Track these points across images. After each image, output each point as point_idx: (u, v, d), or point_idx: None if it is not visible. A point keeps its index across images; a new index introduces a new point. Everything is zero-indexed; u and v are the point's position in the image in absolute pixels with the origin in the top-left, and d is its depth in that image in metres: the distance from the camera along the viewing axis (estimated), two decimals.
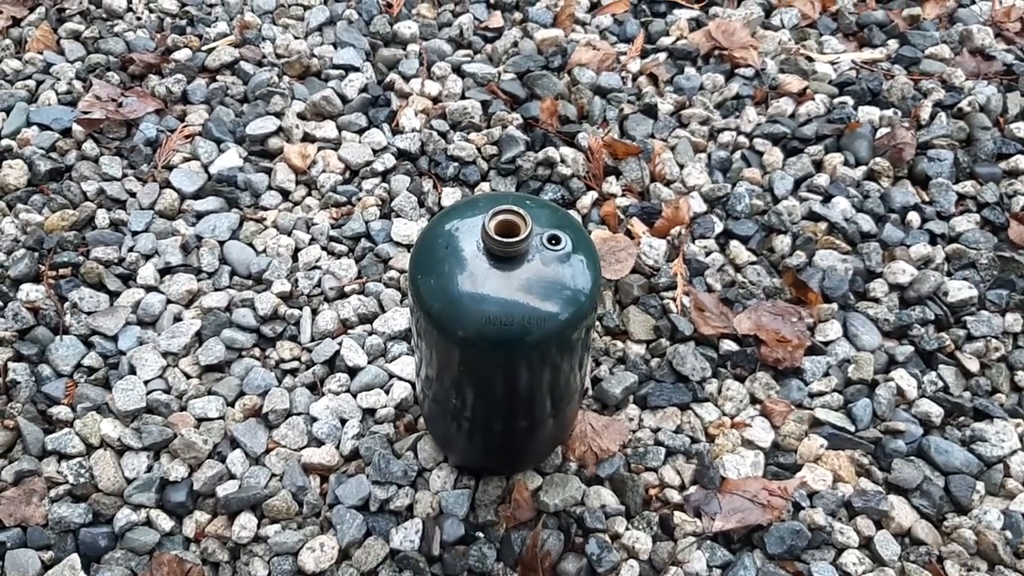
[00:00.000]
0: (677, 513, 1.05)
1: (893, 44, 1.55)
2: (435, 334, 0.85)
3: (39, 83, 1.45)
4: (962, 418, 1.14)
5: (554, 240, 0.83)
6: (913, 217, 1.31)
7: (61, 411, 1.11)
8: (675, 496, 1.07)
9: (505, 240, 0.79)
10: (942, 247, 1.29)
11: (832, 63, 1.52)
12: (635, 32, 1.56)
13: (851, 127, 1.40)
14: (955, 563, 1.03)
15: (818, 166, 1.38)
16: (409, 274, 0.86)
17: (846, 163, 1.37)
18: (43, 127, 1.39)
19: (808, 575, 1.01)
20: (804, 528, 1.03)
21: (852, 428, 1.13)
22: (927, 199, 1.34)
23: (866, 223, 1.30)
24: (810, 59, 1.52)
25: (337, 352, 1.17)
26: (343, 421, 1.12)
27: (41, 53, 1.49)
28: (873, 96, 1.47)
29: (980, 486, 1.08)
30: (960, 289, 1.23)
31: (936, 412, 1.13)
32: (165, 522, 1.05)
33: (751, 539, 1.05)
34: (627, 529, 1.04)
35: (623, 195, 1.34)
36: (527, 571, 1.01)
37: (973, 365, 1.18)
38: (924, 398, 1.15)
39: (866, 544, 1.04)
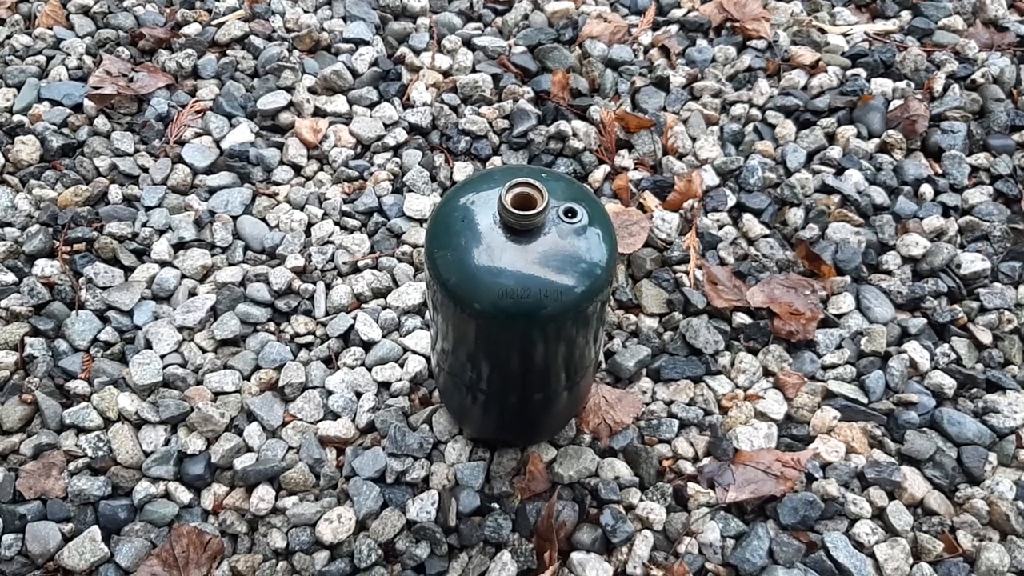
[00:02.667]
0: (691, 484, 1.06)
1: (906, 16, 1.54)
2: (451, 307, 0.85)
3: (49, 59, 1.45)
4: (975, 390, 1.14)
5: (570, 213, 0.83)
6: (926, 189, 1.30)
7: (78, 385, 1.12)
8: (688, 468, 1.08)
9: (522, 213, 0.79)
10: (955, 219, 1.28)
11: (845, 35, 1.51)
12: (646, 4, 1.55)
13: (864, 99, 1.39)
14: (967, 533, 1.03)
15: (831, 139, 1.37)
16: (425, 247, 0.86)
17: (859, 136, 1.37)
18: (54, 103, 1.39)
19: (821, 545, 1.02)
20: (817, 499, 1.04)
21: (865, 400, 1.13)
22: (940, 171, 1.34)
23: (879, 196, 1.29)
24: (822, 31, 1.51)
25: (352, 326, 1.17)
26: (359, 394, 1.12)
27: (51, 28, 1.48)
28: (886, 68, 1.46)
29: (992, 457, 1.09)
30: (973, 261, 1.23)
31: (949, 384, 1.13)
32: (184, 494, 1.06)
33: (764, 510, 1.05)
34: (641, 500, 1.05)
35: (635, 169, 1.34)
36: (542, 541, 1.02)
37: (986, 337, 1.18)
38: (937, 370, 1.15)
39: (879, 515, 1.05)
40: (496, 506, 1.05)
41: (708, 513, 1.04)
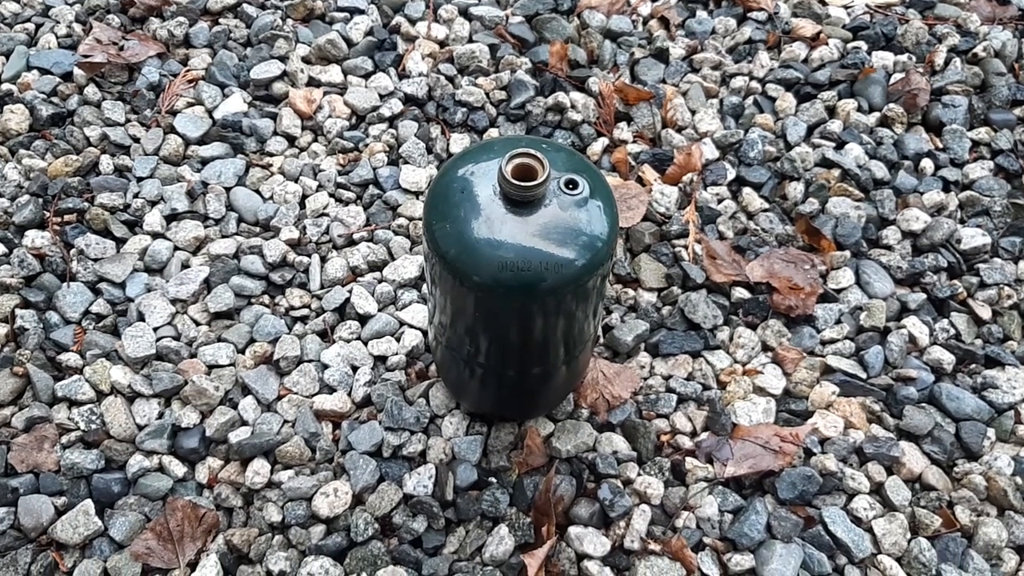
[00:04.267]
0: (689, 459, 1.05)
1: None
2: (450, 280, 0.84)
3: (38, 26, 1.42)
4: (973, 365, 1.14)
5: (571, 184, 0.82)
6: (927, 164, 1.29)
7: (70, 358, 1.11)
8: (686, 442, 1.07)
9: (522, 184, 0.78)
10: (955, 194, 1.27)
11: (846, 7, 1.49)
12: None
13: (865, 72, 1.38)
14: (965, 508, 1.03)
15: (831, 112, 1.36)
16: (424, 219, 0.85)
17: (859, 109, 1.35)
18: (43, 71, 1.36)
19: (819, 520, 1.02)
20: (815, 474, 1.04)
21: (864, 375, 1.12)
22: (941, 146, 1.33)
23: (879, 170, 1.28)
24: (824, 3, 1.49)
25: (347, 300, 1.16)
26: (354, 368, 1.11)
27: None
28: (887, 41, 1.44)
29: (991, 432, 1.08)
30: (973, 236, 1.22)
31: (948, 359, 1.13)
32: (178, 468, 1.05)
33: (762, 485, 1.05)
34: (639, 475, 1.05)
35: (634, 141, 1.32)
36: (540, 516, 1.01)
37: (985, 312, 1.17)
38: (936, 345, 1.15)
39: (877, 490, 1.05)
40: (493, 480, 1.04)
41: (706, 488, 1.04)
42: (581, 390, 1.10)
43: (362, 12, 1.45)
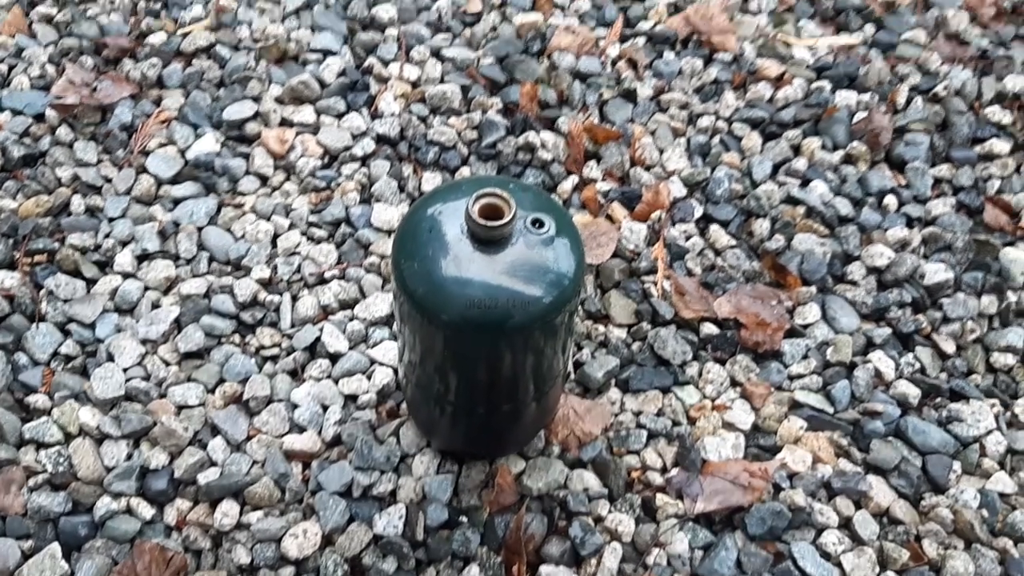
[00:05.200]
0: (659, 495, 1.06)
1: (870, 29, 1.56)
2: (418, 318, 0.85)
3: (11, 68, 1.43)
4: (939, 399, 1.15)
5: (538, 223, 0.83)
6: (890, 201, 1.32)
7: (38, 399, 1.10)
8: (657, 479, 1.08)
9: (489, 223, 0.79)
10: (919, 230, 1.30)
11: (810, 48, 1.53)
12: (614, 17, 1.55)
13: (829, 112, 1.41)
14: (933, 541, 1.04)
15: (796, 150, 1.39)
16: (392, 258, 0.86)
17: (824, 147, 1.38)
18: (16, 112, 1.36)
19: (789, 555, 1.02)
20: (785, 509, 1.04)
21: (831, 410, 1.14)
22: (904, 183, 1.35)
23: (844, 207, 1.31)
24: (788, 44, 1.53)
25: (318, 338, 1.16)
26: (325, 407, 1.11)
27: (13, 37, 1.46)
28: (850, 81, 1.47)
29: (957, 466, 1.10)
30: (936, 272, 1.24)
31: (914, 393, 1.14)
32: (146, 510, 1.04)
33: (732, 520, 1.05)
34: (610, 512, 1.05)
35: (603, 180, 1.34)
36: (511, 555, 1.01)
37: (949, 347, 1.19)
38: (902, 379, 1.16)
39: (845, 524, 1.06)
40: (464, 519, 1.04)
41: (676, 524, 1.04)
42: (552, 427, 1.10)
43: (335, 54, 1.47)
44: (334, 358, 1.15)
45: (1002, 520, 1.07)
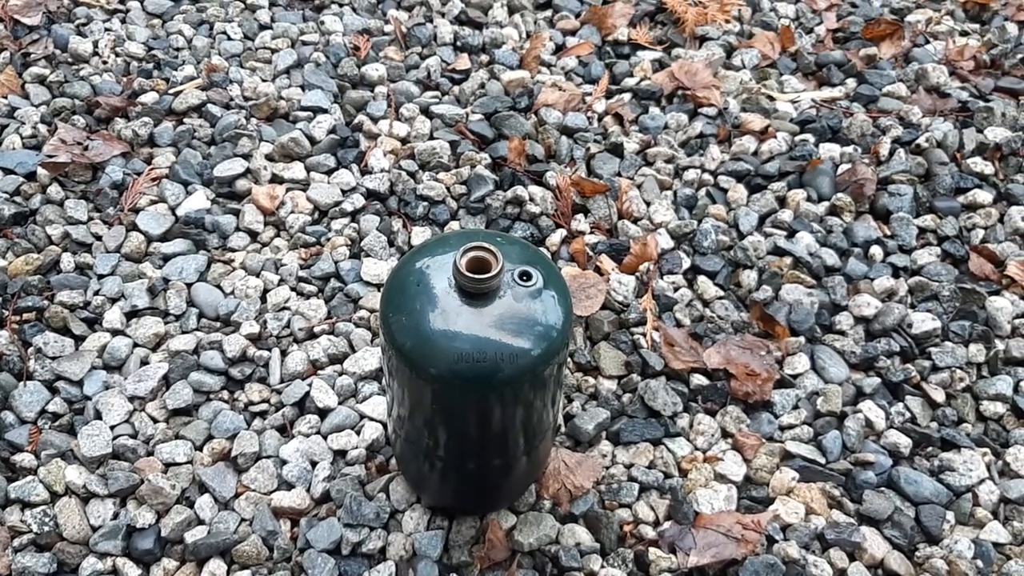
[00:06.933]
0: (652, 549, 1.05)
1: (851, 83, 1.59)
2: (407, 372, 0.85)
3: (3, 127, 1.44)
4: (930, 448, 1.15)
5: (525, 276, 0.83)
6: (876, 251, 1.33)
7: (25, 458, 1.09)
8: (650, 532, 1.07)
9: (476, 276, 0.80)
10: (905, 280, 1.31)
11: (793, 102, 1.55)
12: (600, 73, 1.58)
13: (813, 164, 1.42)
14: None
15: (782, 202, 1.40)
16: (380, 312, 0.86)
17: (809, 199, 1.40)
18: (7, 171, 1.37)
19: None
20: (778, 561, 1.03)
21: (823, 460, 1.13)
22: (889, 233, 1.37)
23: (830, 257, 1.32)
24: (771, 98, 1.55)
25: (307, 393, 1.16)
26: (313, 463, 1.10)
27: (6, 97, 1.48)
28: (833, 133, 1.50)
29: (950, 516, 1.09)
30: (924, 321, 1.25)
31: (904, 443, 1.14)
32: (132, 570, 1.02)
33: (726, 574, 1.04)
34: (602, 567, 1.04)
35: (591, 232, 1.35)
36: None
37: (939, 396, 1.19)
38: (892, 429, 1.16)
39: None
40: None
41: None
42: (543, 481, 1.09)
43: (325, 111, 1.49)
44: (323, 413, 1.15)
45: (997, 570, 1.06)
